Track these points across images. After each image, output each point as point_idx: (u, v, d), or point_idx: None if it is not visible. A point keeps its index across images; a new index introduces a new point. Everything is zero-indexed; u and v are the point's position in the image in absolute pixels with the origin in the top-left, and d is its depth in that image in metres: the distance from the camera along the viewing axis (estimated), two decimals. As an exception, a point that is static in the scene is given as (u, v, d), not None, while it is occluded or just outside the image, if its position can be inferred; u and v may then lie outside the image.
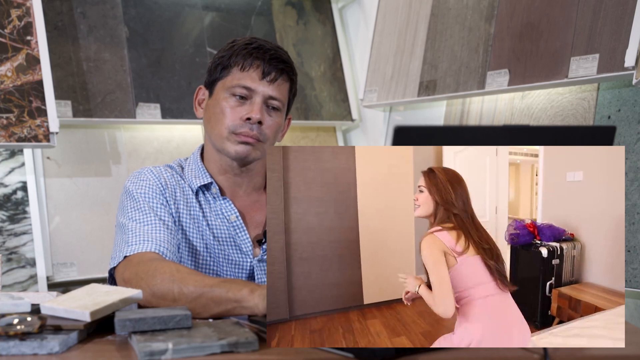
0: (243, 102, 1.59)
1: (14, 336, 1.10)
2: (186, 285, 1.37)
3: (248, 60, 1.58)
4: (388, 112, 2.89)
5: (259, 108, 1.57)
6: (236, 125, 1.58)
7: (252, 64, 1.58)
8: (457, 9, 2.52)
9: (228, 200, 1.64)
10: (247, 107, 1.58)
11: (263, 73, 1.58)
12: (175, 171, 1.68)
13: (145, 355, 1.06)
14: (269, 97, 1.59)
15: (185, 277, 1.39)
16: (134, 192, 1.60)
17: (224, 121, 1.59)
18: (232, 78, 1.59)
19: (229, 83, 1.59)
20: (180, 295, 1.36)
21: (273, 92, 1.59)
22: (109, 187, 2.59)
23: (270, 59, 1.58)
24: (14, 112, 2.28)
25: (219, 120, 1.59)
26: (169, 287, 1.38)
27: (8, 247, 2.35)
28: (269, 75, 1.58)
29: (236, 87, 1.58)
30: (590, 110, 2.11)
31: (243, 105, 1.58)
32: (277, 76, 1.59)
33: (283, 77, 1.60)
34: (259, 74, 1.58)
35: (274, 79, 1.58)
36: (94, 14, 2.60)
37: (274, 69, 1.58)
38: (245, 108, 1.58)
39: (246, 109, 1.58)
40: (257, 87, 1.58)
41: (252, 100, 1.58)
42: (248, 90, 1.58)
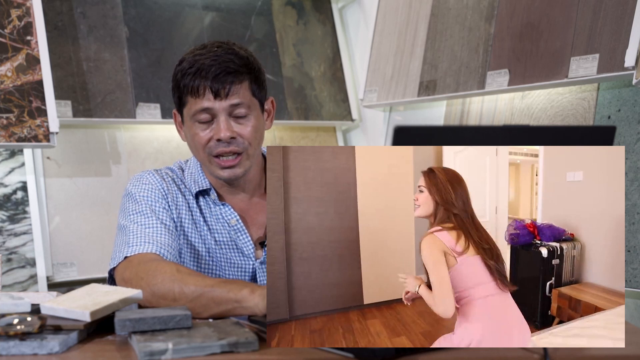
0: (210, 124, 1.57)
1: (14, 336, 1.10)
2: (187, 285, 1.37)
3: (195, 85, 1.55)
4: (388, 112, 2.89)
5: (225, 126, 1.55)
6: (211, 148, 1.58)
7: (199, 86, 1.54)
8: (457, 9, 2.51)
9: (227, 205, 1.65)
10: (215, 128, 1.57)
11: (213, 93, 1.54)
12: (176, 174, 1.69)
13: (145, 355, 1.06)
14: (230, 108, 1.56)
15: (186, 277, 1.40)
16: (136, 194, 1.60)
17: (199, 147, 1.59)
18: (190, 106, 1.57)
19: (190, 111, 1.58)
20: (180, 295, 1.37)
21: (233, 101, 1.55)
22: (109, 187, 2.59)
23: (214, 77, 1.54)
24: (14, 112, 2.28)
25: (197, 148, 1.61)
26: (170, 287, 1.38)
27: (8, 247, 2.34)
28: (221, 93, 1.55)
29: (196, 114, 1.56)
30: (590, 110, 2.11)
31: (211, 126, 1.57)
32: (228, 89, 1.55)
33: (236, 83, 1.56)
34: (210, 95, 1.55)
35: (227, 92, 1.55)
36: (94, 14, 2.59)
37: (222, 84, 1.54)
38: (213, 129, 1.57)
39: (214, 129, 1.57)
40: (214, 105, 1.55)
41: (217, 119, 1.56)
42: (208, 111, 1.56)
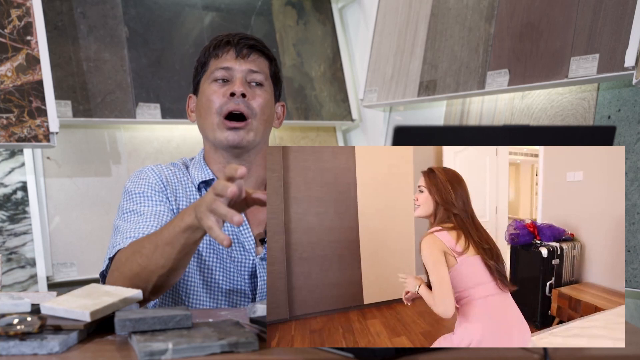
0: (225, 84, 1.64)
1: (14, 336, 1.10)
2: (143, 247, 1.38)
3: (220, 48, 1.66)
4: (388, 112, 2.89)
5: (240, 82, 1.63)
6: (222, 104, 1.62)
7: (224, 49, 1.66)
8: (457, 9, 2.51)
9: None
10: (229, 86, 1.64)
11: (236, 52, 1.64)
12: (179, 168, 1.70)
13: (145, 355, 1.06)
14: (248, 72, 1.64)
15: (140, 242, 1.41)
16: (133, 192, 1.61)
17: (211, 107, 1.63)
18: (210, 68, 1.66)
19: (209, 73, 1.66)
20: (142, 259, 1.37)
21: (251, 66, 1.65)
22: (109, 187, 2.59)
23: (239, 40, 1.65)
24: (14, 112, 2.28)
25: (208, 108, 1.64)
26: (132, 260, 1.39)
27: (8, 247, 2.35)
28: (242, 52, 1.65)
29: (215, 71, 1.65)
30: (590, 110, 2.11)
31: (226, 86, 1.64)
32: (249, 52, 1.65)
33: (257, 53, 1.67)
34: (232, 55, 1.65)
35: (247, 54, 1.65)
36: (94, 14, 2.59)
37: (245, 46, 1.65)
38: (228, 87, 1.63)
39: (229, 87, 1.63)
40: (234, 64, 1.64)
41: (233, 79, 1.64)
42: (227, 70, 1.64)
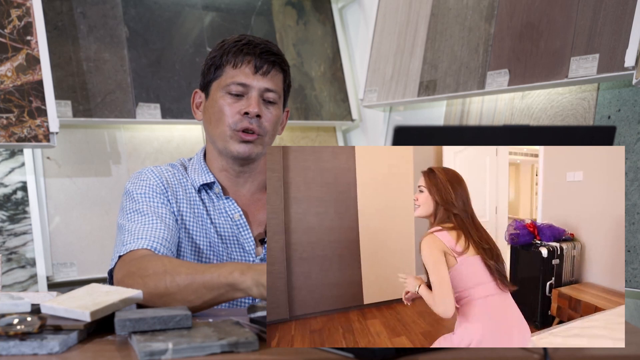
0: (239, 99, 1.60)
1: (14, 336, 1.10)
2: (178, 274, 1.35)
3: (239, 57, 1.60)
4: (388, 112, 2.89)
5: (256, 102, 1.59)
6: (236, 121, 1.59)
7: (244, 60, 1.59)
8: (457, 9, 2.51)
9: (231, 199, 1.65)
10: (244, 102, 1.60)
11: (255, 67, 1.59)
12: (178, 170, 1.68)
13: (145, 355, 1.06)
14: (264, 90, 1.60)
15: (176, 266, 1.38)
16: (134, 192, 1.60)
17: (224, 120, 1.60)
18: (226, 77, 1.61)
19: (223, 82, 1.61)
20: (172, 285, 1.35)
21: (268, 84, 1.60)
22: (109, 187, 2.59)
23: (260, 53, 1.59)
24: (14, 112, 2.28)
25: (219, 119, 1.60)
26: (161, 278, 1.36)
27: (8, 247, 2.34)
28: (262, 69, 1.59)
29: (231, 84, 1.60)
30: (590, 110, 2.11)
31: (240, 101, 1.60)
32: (269, 69, 1.60)
33: (276, 69, 1.62)
34: (251, 69, 1.59)
35: (266, 71, 1.60)
36: (94, 14, 2.59)
37: (266, 62, 1.60)
38: (242, 103, 1.60)
39: (243, 104, 1.60)
40: (252, 81, 1.59)
41: (248, 95, 1.60)
42: (243, 86, 1.60)
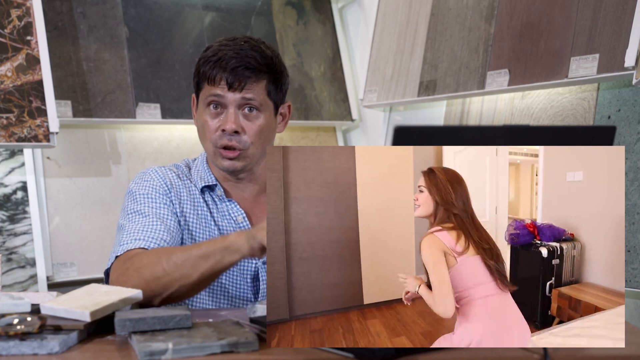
0: (220, 112, 1.59)
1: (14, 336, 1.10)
2: (173, 254, 1.39)
3: (212, 73, 1.57)
4: (388, 112, 2.89)
5: (232, 119, 1.57)
6: (216, 138, 1.59)
7: (216, 76, 1.57)
8: (457, 9, 2.51)
9: (233, 201, 1.65)
10: (223, 117, 1.58)
11: (228, 84, 1.56)
12: (182, 171, 1.68)
13: (145, 355, 1.06)
14: (242, 102, 1.58)
15: (170, 249, 1.43)
16: (137, 193, 1.60)
17: (207, 136, 1.61)
18: (204, 91, 1.60)
19: (204, 96, 1.61)
20: (169, 265, 1.37)
21: (246, 95, 1.57)
22: (109, 187, 2.59)
23: (232, 69, 1.55)
24: (14, 112, 2.28)
25: (204, 135, 1.62)
26: (157, 263, 1.39)
27: (8, 247, 2.34)
28: (234, 85, 1.56)
29: (208, 98, 1.59)
30: (590, 110, 2.11)
31: (219, 116, 1.59)
32: (243, 83, 1.56)
33: (252, 80, 1.57)
34: (225, 85, 1.57)
35: (240, 86, 1.56)
36: (94, 14, 2.59)
37: (238, 78, 1.56)
38: (221, 118, 1.59)
39: (222, 119, 1.58)
40: (226, 95, 1.57)
41: (227, 110, 1.58)
42: (219, 99, 1.58)
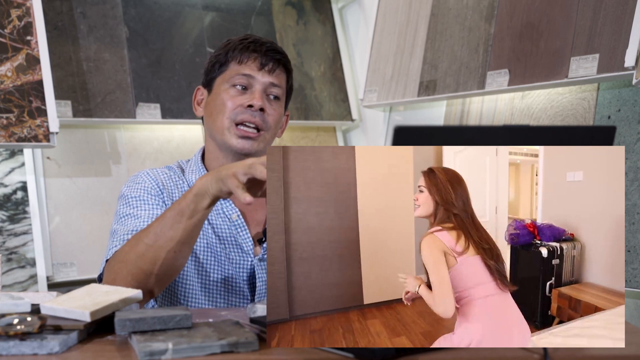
0: (243, 93, 1.61)
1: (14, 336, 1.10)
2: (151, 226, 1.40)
3: (245, 54, 1.62)
4: (388, 112, 2.89)
5: (260, 95, 1.60)
6: (237, 112, 1.59)
7: (250, 56, 1.61)
8: (457, 9, 2.51)
9: (228, 199, 1.64)
10: (248, 96, 1.61)
11: (261, 64, 1.61)
12: (174, 172, 1.68)
13: (145, 355, 1.06)
14: (269, 85, 1.62)
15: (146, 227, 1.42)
16: (129, 196, 1.60)
17: (225, 111, 1.60)
18: (230, 71, 1.62)
19: (228, 76, 1.62)
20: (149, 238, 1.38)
21: (273, 79, 1.62)
22: (109, 187, 2.59)
23: (266, 51, 1.62)
24: (14, 112, 2.28)
25: (220, 111, 1.61)
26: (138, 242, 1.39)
27: (8, 247, 2.35)
28: (267, 66, 1.61)
29: (235, 77, 1.61)
30: (590, 110, 2.11)
31: (244, 95, 1.61)
32: (274, 66, 1.62)
33: (280, 68, 1.64)
34: (257, 65, 1.61)
35: (272, 69, 1.62)
36: (94, 14, 2.59)
37: (272, 60, 1.62)
38: (246, 97, 1.61)
39: (247, 97, 1.60)
40: (257, 75, 1.61)
41: (252, 89, 1.61)
42: (248, 78, 1.61)
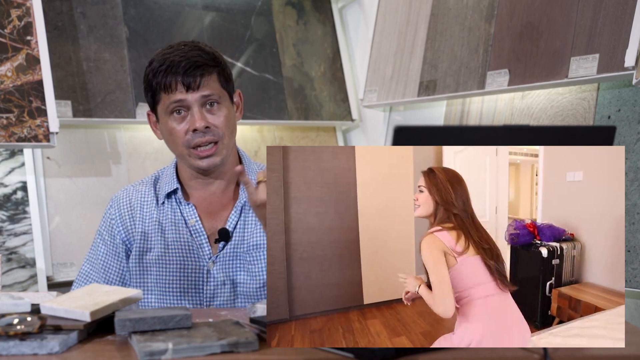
0: (185, 115, 1.64)
1: (14, 336, 1.11)
2: None
3: (168, 79, 1.62)
4: (388, 112, 2.88)
5: (199, 115, 1.62)
6: (188, 139, 1.64)
7: (172, 80, 1.62)
8: (457, 9, 2.51)
9: (191, 205, 1.71)
10: (189, 120, 1.63)
11: (186, 86, 1.62)
12: (146, 186, 1.76)
13: (145, 355, 1.06)
14: (203, 99, 1.63)
15: None
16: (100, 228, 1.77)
17: (177, 141, 1.65)
18: (163, 101, 1.65)
19: (164, 106, 1.65)
20: None
21: (204, 92, 1.63)
22: (109, 187, 2.59)
23: (184, 72, 1.62)
24: (14, 112, 2.28)
25: (174, 142, 1.66)
26: None
27: (8, 247, 2.34)
28: (192, 84, 1.62)
29: (169, 105, 1.64)
30: (590, 110, 2.11)
31: (185, 119, 1.64)
32: (199, 80, 1.63)
33: (207, 75, 1.64)
34: (183, 88, 1.62)
35: (198, 84, 1.62)
36: (94, 14, 2.59)
37: (193, 76, 1.62)
38: (187, 121, 1.64)
39: (189, 121, 1.63)
40: (187, 97, 1.62)
41: (190, 110, 1.63)
42: (181, 102, 1.63)
